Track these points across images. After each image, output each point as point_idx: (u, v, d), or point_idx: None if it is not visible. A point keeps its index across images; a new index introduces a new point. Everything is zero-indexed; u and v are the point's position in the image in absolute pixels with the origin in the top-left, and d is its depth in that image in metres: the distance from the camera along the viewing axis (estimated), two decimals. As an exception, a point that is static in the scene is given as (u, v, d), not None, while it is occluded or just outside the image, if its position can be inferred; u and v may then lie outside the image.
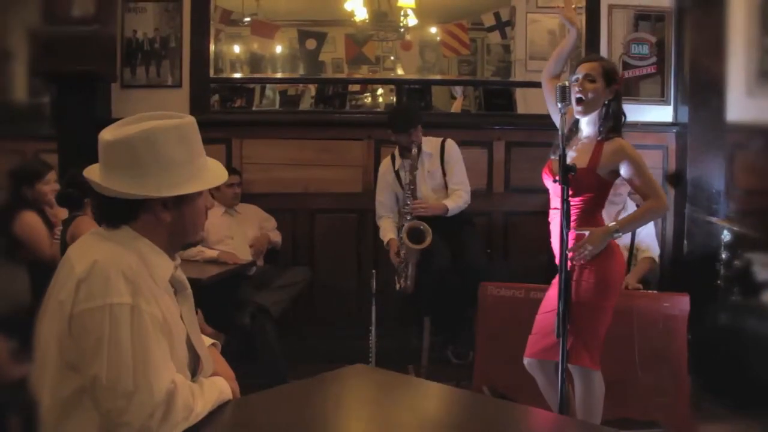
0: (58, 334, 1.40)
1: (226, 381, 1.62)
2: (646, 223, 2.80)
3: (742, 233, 3.81)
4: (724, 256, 3.86)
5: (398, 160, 3.90)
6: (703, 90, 4.13)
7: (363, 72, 6.75)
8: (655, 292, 3.55)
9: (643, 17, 4.42)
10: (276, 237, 4.17)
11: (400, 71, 7.02)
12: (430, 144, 3.89)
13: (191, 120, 1.55)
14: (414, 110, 4.18)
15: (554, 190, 2.72)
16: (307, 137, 4.32)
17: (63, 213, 3.50)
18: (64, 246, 3.23)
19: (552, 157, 2.79)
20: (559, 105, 2.53)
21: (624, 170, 2.66)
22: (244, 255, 3.86)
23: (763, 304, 3.49)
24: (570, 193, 2.58)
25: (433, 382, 1.85)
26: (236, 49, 6.77)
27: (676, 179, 4.27)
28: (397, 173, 3.90)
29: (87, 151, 3.98)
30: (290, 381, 3.63)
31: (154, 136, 1.47)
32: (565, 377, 2.57)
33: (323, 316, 4.27)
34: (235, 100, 6.08)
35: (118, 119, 1.55)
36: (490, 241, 4.31)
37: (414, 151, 3.74)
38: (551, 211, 2.80)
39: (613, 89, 2.69)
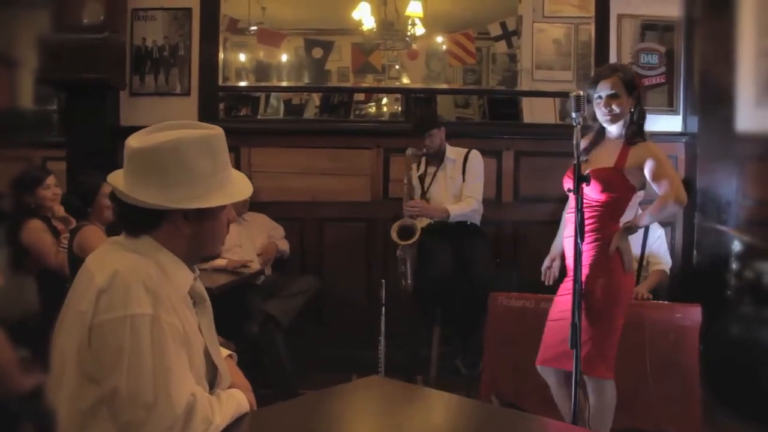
0: (78, 345, 1.38)
1: (243, 393, 1.61)
2: (661, 215, 2.75)
3: (753, 243, 3.79)
4: (734, 266, 3.84)
5: (423, 165, 3.98)
6: (713, 100, 4.12)
7: (368, 81, 6.75)
8: (667, 302, 3.53)
9: (650, 27, 4.42)
10: (284, 246, 4.16)
11: (405, 80, 7.02)
12: (455, 152, 3.96)
13: (219, 131, 1.53)
14: (427, 116, 4.23)
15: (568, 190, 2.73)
16: (316, 146, 4.32)
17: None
18: (71, 255, 3.22)
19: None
20: (574, 115, 2.52)
21: (648, 166, 2.67)
22: (252, 264, 3.84)
23: (763, 316, 3.46)
24: (599, 190, 2.66)
25: (451, 394, 1.82)
26: (242, 57, 6.78)
27: (685, 186, 4.24)
28: (420, 177, 3.97)
29: (96, 159, 3.99)
30: (299, 390, 3.63)
31: (181, 147, 1.46)
32: (578, 387, 2.55)
33: (331, 325, 4.25)
34: (240, 109, 6.07)
35: (126, 127, 1.55)
36: (499, 251, 4.30)
37: (423, 151, 3.83)
38: (568, 214, 2.82)
39: (635, 96, 2.73)
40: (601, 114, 2.75)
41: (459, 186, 3.91)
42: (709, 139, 4.13)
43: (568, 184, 2.84)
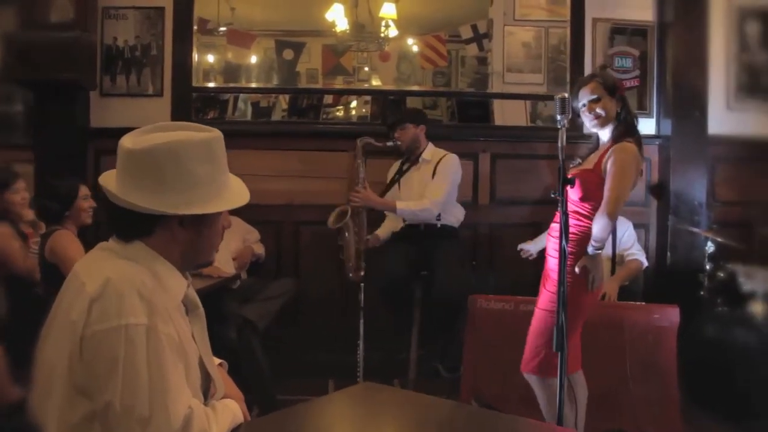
0: (68, 357, 1.31)
1: (237, 403, 1.56)
2: (598, 230, 2.66)
3: (725, 244, 3.86)
4: (707, 267, 3.90)
5: (399, 163, 3.99)
6: (686, 103, 4.18)
7: (338, 83, 6.71)
8: (645, 303, 3.57)
9: (618, 31, 4.46)
10: (259, 249, 4.09)
11: (374, 82, 7.00)
12: (433, 154, 3.92)
13: (218, 134, 1.48)
14: (398, 110, 4.33)
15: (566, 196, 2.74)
16: (292, 148, 4.25)
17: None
18: (42, 260, 3.11)
19: (571, 165, 2.82)
20: (559, 117, 2.52)
21: (608, 163, 2.65)
22: (228, 268, 3.76)
23: (747, 315, 3.53)
24: (580, 195, 2.66)
25: (449, 400, 1.80)
26: (210, 58, 6.68)
27: (659, 190, 4.31)
28: (396, 173, 3.96)
29: (65, 161, 3.86)
30: (277, 396, 3.57)
31: (180, 150, 1.40)
32: (564, 389, 2.55)
33: (308, 329, 4.19)
34: (207, 112, 5.96)
35: (97, 128, 1.49)
36: (476, 254, 4.29)
37: (391, 144, 3.84)
38: (556, 214, 2.83)
39: (618, 98, 2.74)
40: (588, 120, 2.77)
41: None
42: (683, 142, 4.19)
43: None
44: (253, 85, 6.76)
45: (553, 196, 2.62)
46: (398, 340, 3.91)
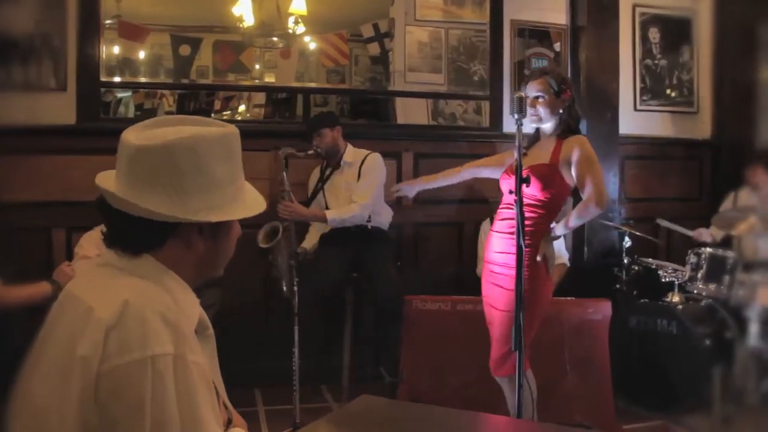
0: (78, 399, 1.09)
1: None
2: (584, 219, 2.78)
3: (639, 238, 4.05)
4: (620, 260, 4.06)
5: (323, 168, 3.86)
6: (599, 104, 4.34)
7: (231, 81, 6.45)
8: (574, 298, 3.66)
9: (520, 33, 4.57)
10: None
11: (267, 79, 6.79)
12: (354, 155, 3.82)
13: (235, 131, 1.29)
14: (317, 116, 4.22)
15: (507, 190, 2.76)
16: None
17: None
18: None
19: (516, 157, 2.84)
20: (516, 116, 2.52)
21: (574, 158, 2.72)
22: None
23: (661, 307, 3.69)
24: (538, 188, 2.69)
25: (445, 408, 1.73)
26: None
27: (575, 188, 4.45)
28: (319, 180, 3.83)
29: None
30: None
31: (199, 146, 1.21)
32: (522, 385, 2.55)
33: (231, 338, 3.95)
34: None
35: None
36: (401, 253, 4.24)
37: (311, 152, 3.66)
38: (501, 210, 2.83)
39: (563, 99, 2.79)
40: (528, 114, 2.76)
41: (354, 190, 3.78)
42: (596, 142, 4.30)
43: (505, 182, 2.86)
44: (143, 80, 6.35)
45: (510, 194, 2.63)
46: (330, 345, 3.80)
